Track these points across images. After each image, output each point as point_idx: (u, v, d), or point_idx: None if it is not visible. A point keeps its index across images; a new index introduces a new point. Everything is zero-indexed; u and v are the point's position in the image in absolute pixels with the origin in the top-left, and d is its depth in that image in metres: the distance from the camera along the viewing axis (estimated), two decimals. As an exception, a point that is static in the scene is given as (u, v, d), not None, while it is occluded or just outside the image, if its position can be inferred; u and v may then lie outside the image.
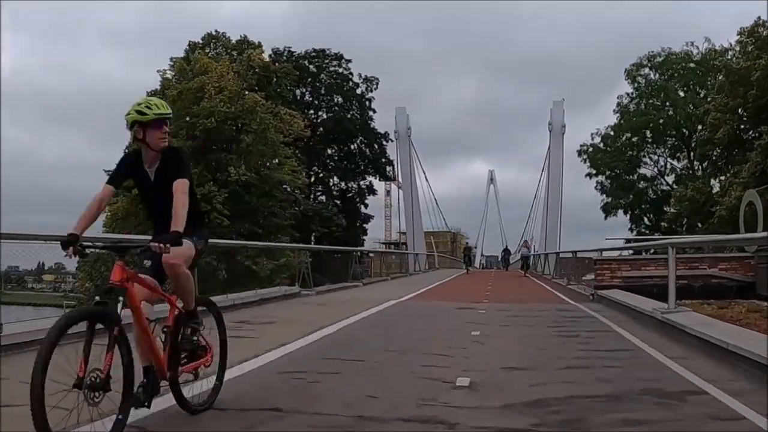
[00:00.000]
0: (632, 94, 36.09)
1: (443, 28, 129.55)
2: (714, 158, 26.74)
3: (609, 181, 37.50)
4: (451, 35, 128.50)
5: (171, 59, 31.51)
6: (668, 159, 36.36)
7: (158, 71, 27.99)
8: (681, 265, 15.76)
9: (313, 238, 42.21)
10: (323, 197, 43.43)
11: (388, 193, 67.57)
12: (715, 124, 24.83)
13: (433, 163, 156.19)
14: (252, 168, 26.38)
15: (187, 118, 26.68)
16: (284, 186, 32.17)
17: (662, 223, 32.06)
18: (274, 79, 38.47)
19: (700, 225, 24.71)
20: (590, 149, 41.58)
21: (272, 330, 7.99)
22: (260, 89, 34.21)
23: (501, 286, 22.98)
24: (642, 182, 35.96)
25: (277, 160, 27.54)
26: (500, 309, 12.22)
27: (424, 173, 59.21)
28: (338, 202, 44.85)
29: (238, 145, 26.86)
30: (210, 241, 3.86)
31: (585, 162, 41.51)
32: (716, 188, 26.50)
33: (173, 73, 30.00)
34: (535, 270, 38.35)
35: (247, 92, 27.69)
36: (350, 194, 44.32)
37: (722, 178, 25.96)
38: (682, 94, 34.53)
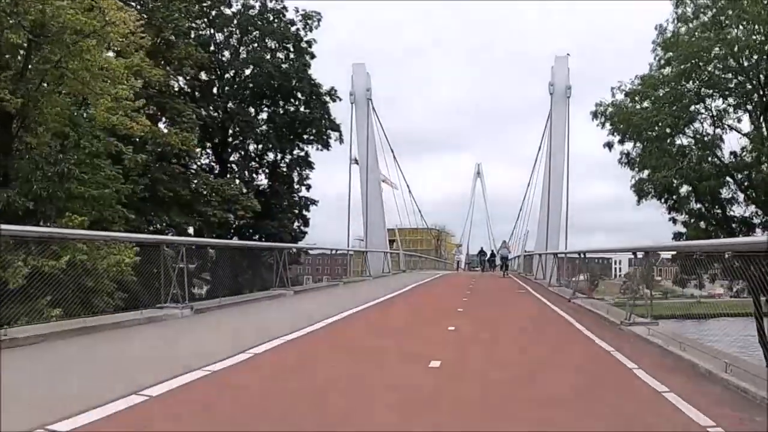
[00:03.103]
0: (678, 15, 24.47)
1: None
2: None
3: (640, 147, 25.89)
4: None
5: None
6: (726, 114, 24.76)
7: None
8: None
9: (231, 229, 30.38)
10: (245, 173, 31.53)
11: (368, 187, 57.51)
12: None
13: (420, 163, 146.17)
14: (32, 96, 14.45)
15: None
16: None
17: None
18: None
19: None
20: (609, 109, 30.01)
21: None
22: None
23: (484, 319, 11.35)
24: (695, 148, 24.22)
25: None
26: None
27: (392, 152, 47.41)
28: (268, 181, 32.97)
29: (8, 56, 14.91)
30: None
31: (602, 126, 29.81)
32: None
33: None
34: (532, 277, 26.96)
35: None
36: (281, 169, 32.28)
37: None
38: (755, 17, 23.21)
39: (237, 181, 26.42)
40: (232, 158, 32.81)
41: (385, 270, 32.51)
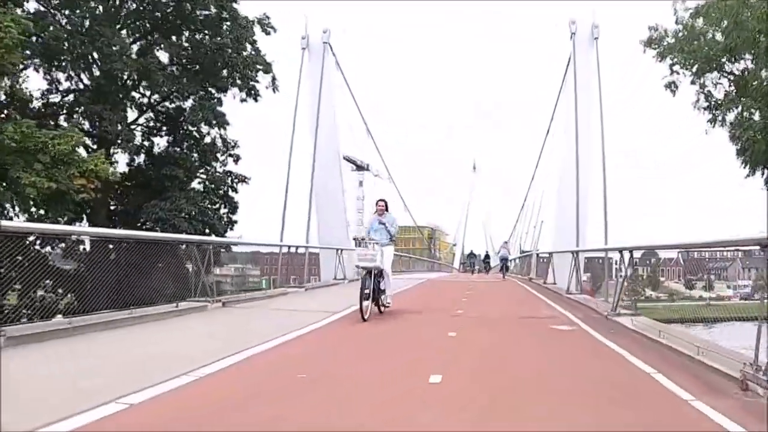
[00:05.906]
0: None
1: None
2: None
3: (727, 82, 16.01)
4: None
5: None
6: None
7: None
8: None
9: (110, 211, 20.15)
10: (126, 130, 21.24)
11: (361, 183, 48.75)
12: None
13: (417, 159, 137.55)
14: None
15: None
16: None
17: None
18: None
19: None
20: (668, 35, 20.19)
21: None
22: None
23: None
24: None
25: None
26: None
27: (366, 124, 36.57)
28: (170, 146, 22.81)
29: None
30: None
31: (660, 59, 20.06)
32: None
33: None
34: (559, 287, 16.96)
35: None
36: (182, 126, 21.97)
37: None
38: None
39: (77, 132, 16.05)
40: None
41: (338, 276, 22.22)
